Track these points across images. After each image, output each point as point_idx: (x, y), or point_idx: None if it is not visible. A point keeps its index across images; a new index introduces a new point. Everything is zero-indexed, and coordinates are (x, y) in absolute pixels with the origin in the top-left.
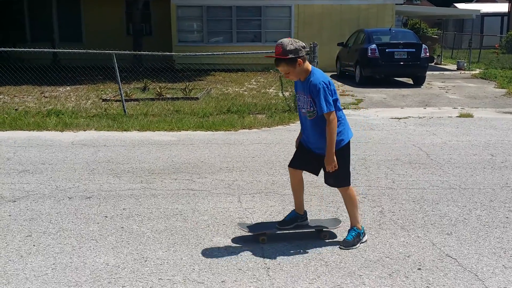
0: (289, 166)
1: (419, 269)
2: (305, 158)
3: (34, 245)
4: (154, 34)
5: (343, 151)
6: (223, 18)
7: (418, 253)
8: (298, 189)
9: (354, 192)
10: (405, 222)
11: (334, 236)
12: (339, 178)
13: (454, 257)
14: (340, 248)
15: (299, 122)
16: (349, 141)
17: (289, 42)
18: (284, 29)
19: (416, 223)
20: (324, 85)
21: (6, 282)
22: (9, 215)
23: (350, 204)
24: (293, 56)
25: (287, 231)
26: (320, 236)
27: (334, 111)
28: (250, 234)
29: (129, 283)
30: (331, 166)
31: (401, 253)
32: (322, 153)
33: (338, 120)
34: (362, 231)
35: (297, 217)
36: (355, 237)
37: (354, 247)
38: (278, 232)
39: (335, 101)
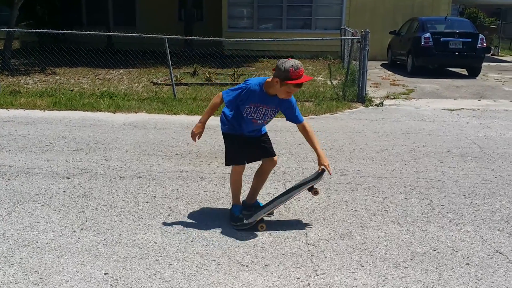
0: (242, 164)
1: (468, 264)
2: (253, 150)
3: (86, 221)
4: (205, 20)
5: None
6: (273, 4)
7: (467, 248)
8: (241, 179)
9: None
10: (455, 216)
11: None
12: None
13: (505, 253)
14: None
15: (347, 110)
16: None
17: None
18: (335, 16)
19: (466, 217)
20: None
21: (59, 255)
22: (64, 191)
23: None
24: None
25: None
26: (312, 192)
27: None
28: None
29: (176, 261)
30: (327, 163)
31: (449, 247)
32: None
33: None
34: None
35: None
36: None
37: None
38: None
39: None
